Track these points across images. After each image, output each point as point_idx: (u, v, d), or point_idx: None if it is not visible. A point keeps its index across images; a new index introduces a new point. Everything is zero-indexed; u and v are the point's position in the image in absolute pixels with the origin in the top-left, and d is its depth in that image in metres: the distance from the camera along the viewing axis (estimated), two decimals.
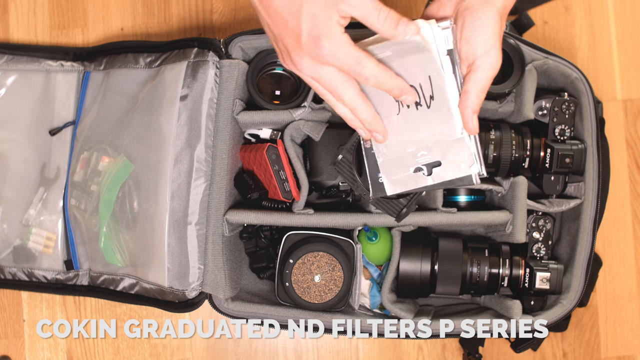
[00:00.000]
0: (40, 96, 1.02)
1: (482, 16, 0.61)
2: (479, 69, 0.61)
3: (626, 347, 1.08)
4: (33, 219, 1.00)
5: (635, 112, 1.10)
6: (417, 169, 0.66)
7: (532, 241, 0.89)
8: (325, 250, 0.84)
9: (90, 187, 0.95)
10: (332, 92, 0.61)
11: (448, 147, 0.64)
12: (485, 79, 0.61)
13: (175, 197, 0.87)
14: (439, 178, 0.66)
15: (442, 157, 0.65)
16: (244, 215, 0.87)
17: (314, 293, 0.85)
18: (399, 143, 0.67)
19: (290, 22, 0.57)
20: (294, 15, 0.57)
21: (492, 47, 0.61)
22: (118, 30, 1.11)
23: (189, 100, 0.87)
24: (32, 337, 1.07)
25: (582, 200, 0.87)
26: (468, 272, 0.87)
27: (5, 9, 1.11)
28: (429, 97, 0.64)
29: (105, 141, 0.94)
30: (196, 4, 1.11)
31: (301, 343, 1.07)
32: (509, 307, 0.86)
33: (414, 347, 1.07)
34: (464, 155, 0.64)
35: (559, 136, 0.87)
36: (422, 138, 0.65)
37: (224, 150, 0.88)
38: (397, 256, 0.87)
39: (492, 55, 0.61)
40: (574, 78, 0.87)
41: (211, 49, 0.89)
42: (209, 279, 0.88)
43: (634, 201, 1.09)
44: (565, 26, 1.11)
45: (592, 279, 0.99)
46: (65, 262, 1.00)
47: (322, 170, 0.89)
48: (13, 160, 1.01)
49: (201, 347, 1.07)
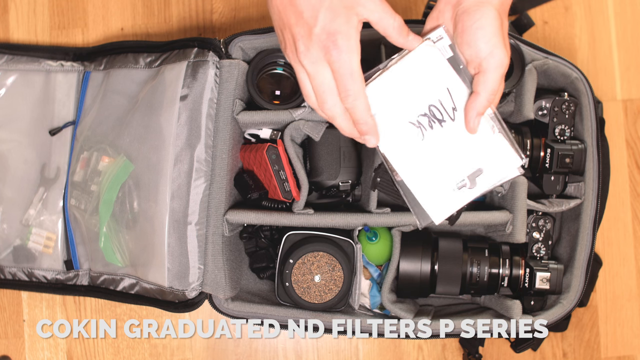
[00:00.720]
0: (40, 96, 1.02)
1: (479, 17, 0.61)
2: (487, 70, 0.61)
3: (626, 347, 1.08)
4: (33, 219, 1.00)
5: (635, 112, 1.10)
6: (460, 186, 0.66)
7: (532, 241, 0.89)
8: (325, 250, 0.84)
9: (90, 187, 0.95)
10: (318, 95, 0.61)
11: (483, 151, 0.64)
12: (493, 80, 0.61)
13: (175, 197, 0.87)
14: (484, 185, 0.65)
15: (481, 164, 0.64)
16: (244, 215, 0.87)
17: (314, 293, 0.85)
18: (433, 168, 0.66)
19: (305, 12, 0.57)
20: (312, 7, 0.57)
21: (494, 47, 0.61)
22: (118, 30, 1.11)
23: (189, 100, 0.87)
24: (32, 337, 1.07)
25: (582, 200, 0.87)
26: (468, 272, 0.87)
27: (5, 9, 1.11)
28: (452, 110, 0.63)
29: (105, 141, 0.94)
30: (196, 4, 1.11)
31: (301, 343, 1.07)
32: (509, 307, 0.86)
33: (414, 347, 1.07)
34: (502, 153, 0.63)
35: (559, 136, 0.87)
36: (456, 153, 0.65)
37: (224, 150, 0.88)
38: (397, 256, 0.87)
39: (496, 55, 0.61)
40: (574, 78, 0.87)
41: (211, 49, 0.89)
42: (209, 279, 0.88)
43: (634, 201, 1.09)
44: (565, 26, 1.11)
45: (592, 279, 0.99)
46: (65, 262, 1.00)
47: (322, 170, 0.89)
48: (13, 160, 1.01)
49: (201, 347, 1.07)
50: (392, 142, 0.66)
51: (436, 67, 0.63)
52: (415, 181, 0.67)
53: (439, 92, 0.63)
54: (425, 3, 0.93)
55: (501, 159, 0.64)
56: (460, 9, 0.62)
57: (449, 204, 0.67)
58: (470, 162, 0.64)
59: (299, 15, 0.58)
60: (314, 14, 0.57)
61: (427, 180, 0.66)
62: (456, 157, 0.65)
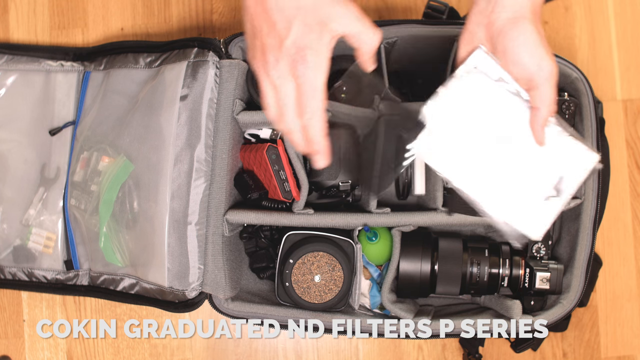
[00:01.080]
0: (40, 96, 1.02)
1: (517, 35, 0.61)
2: (539, 85, 0.62)
3: (626, 347, 1.08)
4: (33, 219, 1.00)
5: (635, 112, 1.10)
6: (547, 197, 0.66)
7: (532, 241, 0.89)
8: (325, 250, 0.84)
9: (90, 187, 0.95)
10: (279, 107, 0.60)
11: (558, 157, 0.65)
12: (547, 92, 0.62)
13: (175, 197, 0.87)
14: (570, 188, 0.65)
15: (561, 170, 0.65)
16: (244, 215, 0.87)
17: (314, 293, 0.85)
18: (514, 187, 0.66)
19: (279, 23, 0.57)
20: (286, 19, 0.56)
21: (540, 60, 0.61)
22: (118, 30, 1.11)
23: (189, 100, 0.87)
24: (32, 337, 1.07)
25: (582, 200, 0.87)
26: (468, 272, 0.87)
27: (5, 9, 1.11)
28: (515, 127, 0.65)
29: (105, 141, 0.94)
30: (196, 4, 1.11)
31: (301, 343, 1.07)
32: (509, 307, 0.86)
33: (414, 347, 1.07)
34: (576, 153, 0.64)
35: None
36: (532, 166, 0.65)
37: (224, 150, 0.88)
38: (397, 256, 0.87)
39: (544, 68, 0.61)
40: (574, 78, 0.87)
41: (211, 49, 0.89)
42: (209, 279, 0.88)
43: (634, 201, 1.09)
44: (565, 26, 1.11)
45: (592, 279, 0.99)
46: (65, 262, 1.00)
47: (322, 170, 0.89)
48: (13, 160, 1.01)
49: (201, 347, 1.07)
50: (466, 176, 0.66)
51: (487, 90, 0.64)
52: (501, 206, 0.67)
53: (497, 113, 0.64)
54: (425, 3, 0.93)
55: (577, 159, 0.65)
56: (496, 30, 0.62)
57: (542, 217, 0.67)
58: (549, 171, 0.66)
59: (272, 26, 0.57)
60: (287, 25, 0.56)
61: (513, 201, 0.67)
62: (535, 171, 0.66)
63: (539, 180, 0.66)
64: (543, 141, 0.64)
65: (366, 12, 1.22)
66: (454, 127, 0.65)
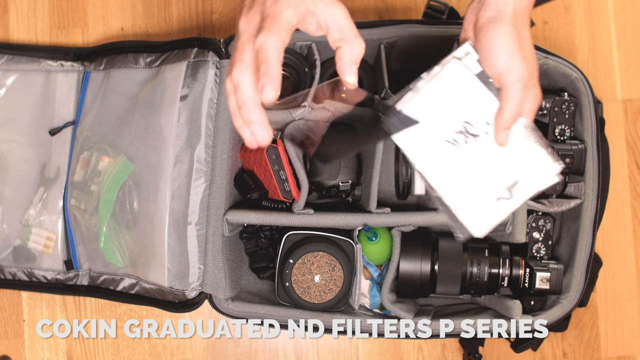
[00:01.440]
0: (40, 96, 1.02)
1: (492, 35, 0.61)
2: (507, 86, 0.62)
3: (626, 347, 1.08)
4: (33, 219, 1.00)
5: (635, 112, 1.10)
6: (499, 198, 0.66)
7: (532, 241, 0.89)
8: (325, 250, 0.84)
9: (90, 187, 0.95)
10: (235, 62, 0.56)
11: (520, 161, 0.64)
12: (513, 95, 0.62)
13: (175, 197, 0.87)
14: (523, 195, 0.65)
15: (518, 174, 0.65)
16: (244, 215, 0.87)
17: (314, 293, 0.85)
18: (471, 183, 0.66)
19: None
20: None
21: (510, 62, 0.61)
22: (118, 30, 1.11)
23: (189, 100, 0.87)
24: (32, 337, 1.07)
25: (582, 200, 0.87)
26: (468, 272, 0.87)
27: (5, 9, 1.11)
28: (486, 124, 0.64)
29: (105, 141, 0.94)
30: (196, 4, 1.11)
31: (301, 343, 1.07)
32: (509, 307, 0.86)
33: (414, 347, 1.07)
34: (539, 162, 0.64)
35: (559, 136, 0.87)
36: (492, 166, 0.65)
37: (224, 150, 0.88)
38: (397, 256, 0.87)
39: (514, 70, 0.61)
40: (574, 78, 0.87)
41: (211, 49, 0.89)
42: (209, 279, 0.88)
43: (634, 201, 1.09)
44: (565, 26, 1.11)
45: (592, 279, 0.99)
46: (65, 262, 1.00)
47: (322, 170, 0.89)
48: (13, 160, 1.01)
49: (201, 347, 1.07)
50: (429, 161, 0.66)
51: (466, 83, 0.64)
52: (453, 197, 0.67)
53: (472, 107, 0.64)
54: (425, 3, 0.93)
55: (538, 168, 0.65)
56: (478, 27, 0.62)
57: (488, 216, 0.67)
58: (507, 173, 0.65)
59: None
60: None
61: (465, 195, 0.67)
62: (493, 170, 0.65)
63: (495, 180, 0.66)
64: (502, 141, 0.64)
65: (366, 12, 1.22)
66: (427, 113, 0.65)
